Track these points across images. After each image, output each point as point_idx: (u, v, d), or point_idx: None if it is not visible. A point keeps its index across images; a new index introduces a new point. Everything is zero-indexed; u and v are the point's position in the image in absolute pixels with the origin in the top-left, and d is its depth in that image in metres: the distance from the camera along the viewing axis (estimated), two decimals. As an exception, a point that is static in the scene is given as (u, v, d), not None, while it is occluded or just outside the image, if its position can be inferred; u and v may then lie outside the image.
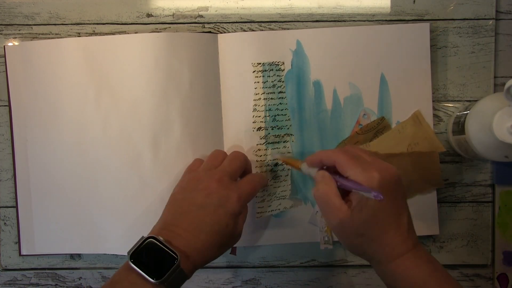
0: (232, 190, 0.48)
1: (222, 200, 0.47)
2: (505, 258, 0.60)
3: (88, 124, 0.57)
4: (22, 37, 0.59)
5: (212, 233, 0.47)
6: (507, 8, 0.59)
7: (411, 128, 0.58)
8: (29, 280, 0.62)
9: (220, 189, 0.48)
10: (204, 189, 0.48)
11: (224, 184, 0.48)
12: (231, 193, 0.48)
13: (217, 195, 0.47)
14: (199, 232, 0.46)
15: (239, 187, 0.49)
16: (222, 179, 0.49)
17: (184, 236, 0.46)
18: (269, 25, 0.59)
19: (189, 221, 0.47)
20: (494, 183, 0.60)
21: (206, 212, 0.47)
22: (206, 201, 0.47)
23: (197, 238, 0.46)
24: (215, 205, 0.47)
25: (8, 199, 0.60)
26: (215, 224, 0.47)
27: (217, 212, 0.47)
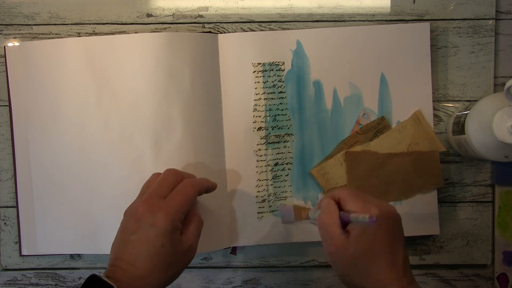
0: (159, 208, 0.46)
1: (149, 221, 0.45)
2: (505, 258, 0.60)
3: (89, 124, 0.57)
4: (22, 37, 0.59)
5: (148, 257, 0.45)
6: (507, 8, 0.59)
7: (411, 128, 0.58)
8: (29, 280, 0.62)
9: (147, 210, 0.46)
10: (134, 215, 0.47)
11: (151, 204, 0.46)
12: (158, 212, 0.46)
13: (144, 217, 0.46)
14: (135, 259, 0.45)
15: (167, 202, 0.47)
16: (149, 200, 0.47)
17: (123, 267, 0.45)
18: (269, 25, 0.59)
19: (127, 251, 0.46)
20: (494, 183, 0.60)
21: (138, 238, 0.45)
22: (137, 226, 0.46)
23: (135, 266, 0.45)
24: (145, 228, 0.46)
25: (8, 199, 0.60)
26: (150, 247, 0.45)
27: (148, 235, 0.45)
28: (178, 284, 0.62)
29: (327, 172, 0.59)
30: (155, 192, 0.48)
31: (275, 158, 0.59)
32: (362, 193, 0.47)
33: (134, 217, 0.46)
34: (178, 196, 0.48)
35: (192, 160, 0.56)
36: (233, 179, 0.59)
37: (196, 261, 0.61)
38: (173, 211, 0.46)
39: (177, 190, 0.48)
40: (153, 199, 0.47)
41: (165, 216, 0.45)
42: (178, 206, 0.47)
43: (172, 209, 0.46)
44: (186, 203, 0.48)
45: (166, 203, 0.47)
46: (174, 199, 0.47)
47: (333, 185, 0.59)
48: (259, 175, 0.59)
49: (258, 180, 0.59)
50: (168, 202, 0.47)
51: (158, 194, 0.48)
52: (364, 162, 0.58)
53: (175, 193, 0.48)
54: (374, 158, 0.58)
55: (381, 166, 0.58)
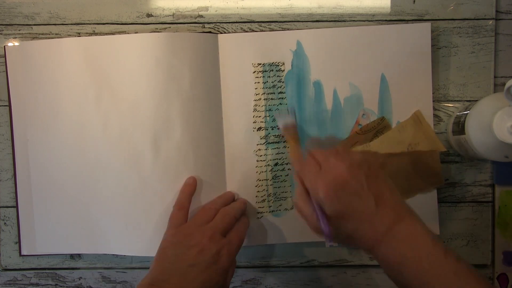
0: (223, 246, 0.48)
1: (214, 258, 0.47)
2: (505, 258, 0.60)
3: (89, 124, 0.57)
4: (22, 37, 0.59)
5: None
6: (507, 8, 0.59)
7: (411, 128, 0.58)
8: (29, 280, 0.62)
9: (212, 246, 0.48)
10: (195, 246, 0.48)
11: (216, 241, 0.48)
12: (222, 249, 0.48)
13: (209, 252, 0.47)
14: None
15: (230, 241, 0.49)
16: (214, 236, 0.49)
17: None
18: (269, 25, 0.59)
19: (179, 278, 0.46)
20: (494, 183, 0.60)
21: (197, 270, 0.46)
22: (198, 259, 0.47)
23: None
24: (207, 262, 0.47)
25: (8, 199, 0.60)
26: (206, 282, 0.46)
27: (208, 270, 0.47)
28: (178, 284, 0.62)
29: None
30: (219, 230, 0.50)
31: (275, 158, 0.59)
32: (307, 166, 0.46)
33: (197, 248, 0.47)
34: (237, 237, 0.51)
35: (191, 160, 0.56)
36: (233, 179, 0.59)
37: (196, 261, 0.61)
38: (234, 251, 0.49)
39: (235, 230, 0.51)
40: (218, 236, 0.49)
41: (228, 255, 0.48)
42: (236, 247, 0.50)
43: (233, 248, 0.49)
44: (241, 245, 0.51)
45: (228, 241, 0.49)
46: (234, 239, 0.50)
47: None
48: (259, 175, 0.59)
49: (258, 180, 0.59)
50: (230, 241, 0.50)
51: (221, 232, 0.50)
52: (364, 163, 0.58)
53: (234, 234, 0.51)
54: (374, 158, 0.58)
55: (382, 167, 0.58)
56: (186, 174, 0.56)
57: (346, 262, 0.61)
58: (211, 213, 0.52)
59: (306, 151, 0.50)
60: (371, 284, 0.62)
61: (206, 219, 0.52)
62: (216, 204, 0.54)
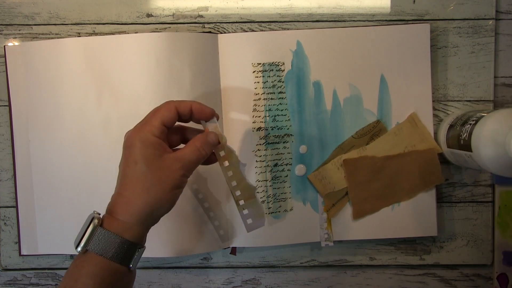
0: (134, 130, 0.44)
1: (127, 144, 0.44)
2: (505, 258, 0.60)
3: (89, 124, 0.57)
4: (22, 37, 0.59)
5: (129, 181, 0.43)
6: (507, 8, 0.59)
7: (407, 130, 0.58)
8: (29, 280, 0.62)
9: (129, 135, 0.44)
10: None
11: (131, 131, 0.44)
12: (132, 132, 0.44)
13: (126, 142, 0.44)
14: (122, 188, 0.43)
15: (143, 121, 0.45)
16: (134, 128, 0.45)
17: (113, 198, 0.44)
18: (269, 25, 0.59)
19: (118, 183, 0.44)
20: (494, 183, 0.60)
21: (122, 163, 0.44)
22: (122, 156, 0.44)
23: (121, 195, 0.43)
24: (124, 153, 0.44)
25: (8, 199, 0.61)
26: (124, 167, 0.43)
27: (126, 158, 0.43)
28: (178, 284, 0.62)
29: (324, 177, 0.59)
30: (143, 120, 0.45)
31: (274, 158, 0.59)
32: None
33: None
34: (149, 116, 0.45)
35: (192, 160, 0.56)
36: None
37: (196, 261, 0.61)
38: (141, 129, 0.43)
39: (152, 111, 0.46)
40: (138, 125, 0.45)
41: (134, 135, 0.43)
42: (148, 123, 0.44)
43: (141, 127, 0.44)
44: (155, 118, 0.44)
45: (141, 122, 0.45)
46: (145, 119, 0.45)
47: (330, 189, 0.59)
48: (258, 175, 0.59)
49: (258, 180, 0.59)
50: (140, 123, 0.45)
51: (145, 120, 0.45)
52: (363, 168, 0.58)
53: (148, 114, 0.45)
54: (372, 162, 0.58)
55: (381, 170, 0.58)
56: (186, 174, 0.56)
57: (346, 262, 0.61)
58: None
59: None
60: (371, 284, 0.62)
61: None
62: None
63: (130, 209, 0.42)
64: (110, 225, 0.42)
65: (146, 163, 0.42)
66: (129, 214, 0.42)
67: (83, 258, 0.41)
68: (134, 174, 0.42)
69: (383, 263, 0.61)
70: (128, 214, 0.42)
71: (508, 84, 0.59)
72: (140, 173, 0.42)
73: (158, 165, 0.43)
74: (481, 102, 0.59)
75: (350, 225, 0.59)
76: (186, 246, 0.58)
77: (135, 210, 0.42)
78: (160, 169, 0.43)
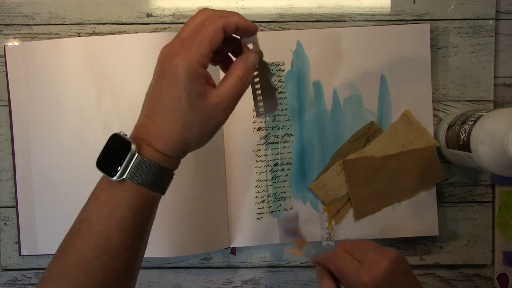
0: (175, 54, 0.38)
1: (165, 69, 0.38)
2: (505, 258, 0.60)
3: (89, 125, 0.57)
4: (22, 37, 0.59)
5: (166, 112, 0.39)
6: (507, 8, 0.59)
7: (402, 128, 0.58)
8: (29, 280, 0.62)
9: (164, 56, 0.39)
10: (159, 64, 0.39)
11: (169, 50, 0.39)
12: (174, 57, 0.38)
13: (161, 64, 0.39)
14: (154, 113, 0.39)
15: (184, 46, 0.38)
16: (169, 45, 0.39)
17: (144, 122, 0.40)
18: (269, 25, 0.59)
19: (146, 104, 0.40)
20: (494, 183, 0.60)
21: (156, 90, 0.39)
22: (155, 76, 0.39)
23: (154, 121, 0.39)
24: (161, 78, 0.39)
25: (8, 199, 0.60)
26: (165, 100, 0.38)
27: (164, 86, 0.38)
28: (178, 284, 0.62)
29: (325, 184, 0.59)
30: (178, 37, 0.39)
31: (274, 158, 0.59)
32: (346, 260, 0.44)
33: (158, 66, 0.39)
34: (194, 38, 0.38)
35: (191, 160, 0.56)
36: (233, 180, 0.59)
37: (196, 261, 0.61)
38: (188, 56, 0.37)
39: (195, 28, 0.39)
40: (174, 44, 0.39)
41: (180, 63, 0.37)
42: (194, 49, 0.38)
43: (188, 53, 0.37)
44: (204, 43, 0.38)
45: (183, 47, 0.38)
46: (191, 42, 0.38)
47: (333, 196, 0.59)
48: (258, 175, 0.59)
49: (258, 180, 0.59)
50: (185, 45, 0.38)
51: (181, 39, 0.39)
52: (362, 169, 0.58)
53: (192, 33, 0.39)
54: (371, 163, 0.58)
55: (380, 170, 0.58)
56: (186, 174, 0.56)
57: (346, 262, 0.61)
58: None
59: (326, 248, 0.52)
60: (371, 284, 0.62)
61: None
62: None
63: (168, 143, 0.39)
64: (149, 154, 0.39)
65: (190, 101, 0.38)
66: (167, 147, 0.39)
67: (118, 187, 0.38)
68: (175, 108, 0.38)
69: None
70: (165, 147, 0.39)
71: (508, 84, 0.59)
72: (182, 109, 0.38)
73: (202, 105, 0.39)
74: (481, 102, 0.59)
75: (351, 224, 0.59)
76: (186, 246, 0.58)
77: (173, 145, 0.39)
78: (204, 110, 0.39)
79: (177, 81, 0.37)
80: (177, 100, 0.38)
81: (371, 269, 0.42)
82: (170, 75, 0.38)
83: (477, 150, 0.49)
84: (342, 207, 0.59)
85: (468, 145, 0.50)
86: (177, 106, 0.38)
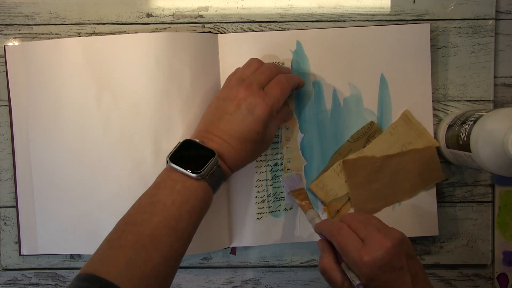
0: (259, 97, 0.49)
1: (250, 108, 0.49)
2: (505, 258, 0.60)
3: (89, 125, 0.57)
4: (22, 37, 0.59)
5: (242, 139, 0.49)
6: (507, 8, 0.59)
7: (402, 128, 0.58)
8: (29, 280, 0.62)
9: (248, 97, 0.49)
10: (234, 98, 0.50)
11: (252, 92, 0.49)
12: (258, 100, 0.49)
13: (245, 103, 0.49)
14: (230, 138, 0.49)
15: (267, 92, 0.50)
16: (250, 87, 0.50)
17: (216, 140, 0.49)
18: (269, 25, 0.59)
19: (221, 127, 0.49)
20: (494, 183, 0.60)
21: (236, 120, 0.49)
22: (235, 109, 0.49)
23: (228, 143, 0.49)
24: (243, 113, 0.49)
25: (8, 199, 0.61)
26: (245, 131, 0.49)
27: (246, 120, 0.49)
28: (178, 284, 0.62)
29: (325, 184, 0.59)
30: (256, 81, 0.50)
31: (274, 158, 0.59)
32: (351, 234, 0.45)
33: (233, 101, 0.50)
34: (276, 89, 0.50)
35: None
36: (233, 179, 0.59)
37: (196, 261, 0.61)
38: (271, 102, 0.49)
39: (275, 82, 0.51)
40: (254, 87, 0.50)
41: (264, 106, 0.49)
42: (276, 98, 0.50)
43: (271, 100, 0.49)
44: (282, 97, 0.51)
45: (265, 93, 0.50)
46: (272, 91, 0.50)
47: (333, 196, 0.59)
48: (258, 175, 0.59)
49: (258, 180, 0.59)
50: (268, 92, 0.50)
51: (258, 83, 0.50)
52: (362, 168, 0.58)
53: (273, 85, 0.51)
54: (371, 162, 0.58)
55: (380, 170, 0.58)
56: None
57: (346, 262, 0.61)
58: (253, 67, 0.53)
59: (331, 219, 0.53)
60: (371, 284, 0.62)
61: (247, 73, 0.52)
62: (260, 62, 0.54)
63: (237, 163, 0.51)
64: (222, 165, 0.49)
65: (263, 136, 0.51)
66: (234, 165, 0.51)
67: (195, 182, 0.47)
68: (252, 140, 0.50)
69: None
70: (234, 165, 0.50)
71: (508, 84, 0.59)
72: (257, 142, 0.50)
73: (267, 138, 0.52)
74: (481, 102, 0.59)
75: (350, 225, 0.59)
76: (186, 246, 0.58)
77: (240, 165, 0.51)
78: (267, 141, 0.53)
79: (259, 119, 0.49)
80: (256, 134, 0.49)
81: (373, 250, 0.43)
82: (255, 115, 0.49)
83: (477, 150, 0.49)
84: (342, 207, 0.59)
85: (468, 145, 0.50)
86: (254, 138, 0.50)
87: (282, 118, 0.56)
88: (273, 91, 0.50)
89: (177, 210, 0.45)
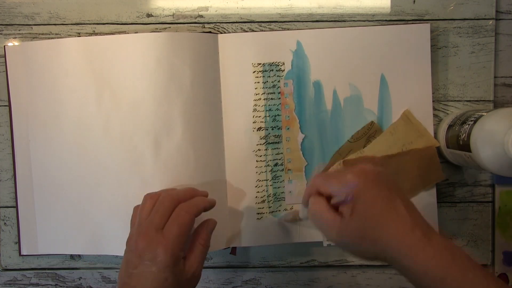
0: (157, 243, 0.46)
1: (150, 257, 0.45)
2: (505, 258, 0.60)
3: (89, 125, 0.57)
4: (22, 37, 0.59)
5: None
6: (507, 8, 0.59)
7: (403, 128, 0.58)
8: (29, 280, 0.62)
9: (146, 246, 0.46)
10: (135, 250, 0.46)
11: (149, 239, 0.46)
12: (157, 247, 0.45)
13: (144, 253, 0.46)
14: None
15: (165, 235, 0.46)
16: (147, 234, 0.46)
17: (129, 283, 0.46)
18: (269, 25, 0.59)
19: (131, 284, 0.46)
20: (494, 183, 0.60)
21: (141, 273, 0.46)
22: (138, 261, 0.46)
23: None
24: (146, 264, 0.46)
25: (8, 199, 0.60)
26: (153, 282, 0.45)
27: (150, 271, 0.45)
28: (178, 284, 0.62)
29: None
30: (152, 225, 0.47)
31: (274, 158, 0.59)
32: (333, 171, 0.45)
33: (135, 252, 0.46)
34: (174, 227, 0.47)
35: (192, 160, 0.56)
36: (233, 180, 0.59)
37: (196, 261, 0.61)
38: (171, 244, 0.46)
39: (172, 219, 0.48)
40: (151, 232, 0.46)
41: (164, 251, 0.45)
42: (176, 238, 0.46)
43: (170, 242, 0.46)
44: (183, 233, 0.47)
45: (163, 236, 0.46)
46: (171, 231, 0.47)
47: None
48: (258, 175, 0.59)
49: (258, 180, 0.59)
50: (166, 234, 0.46)
51: (155, 227, 0.47)
52: (362, 168, 0.58)
53: (171, 224, 0.47)
54: (372, 162, 0.58)
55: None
56: (186, 175, 0.56)
57: (346, 262, 0.61)
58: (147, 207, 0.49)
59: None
60: (371, 284, 0.62)
61: (143, 215, 0.49)
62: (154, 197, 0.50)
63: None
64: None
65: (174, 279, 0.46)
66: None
67: None
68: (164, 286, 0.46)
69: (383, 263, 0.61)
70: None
71: (508, 84, 0.60)
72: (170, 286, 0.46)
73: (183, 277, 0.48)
74: (481, 102, 0.59)
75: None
76: (186, 246, 0.58)
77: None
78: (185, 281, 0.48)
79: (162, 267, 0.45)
80: (164, 281, 0.45)
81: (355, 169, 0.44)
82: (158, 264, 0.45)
83: (477, 150, 0.49)
84: None
85: (468, 145, 0.50)
86: (164, 285, 0.45)
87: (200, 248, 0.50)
88: (171, 229, 0.47)
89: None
